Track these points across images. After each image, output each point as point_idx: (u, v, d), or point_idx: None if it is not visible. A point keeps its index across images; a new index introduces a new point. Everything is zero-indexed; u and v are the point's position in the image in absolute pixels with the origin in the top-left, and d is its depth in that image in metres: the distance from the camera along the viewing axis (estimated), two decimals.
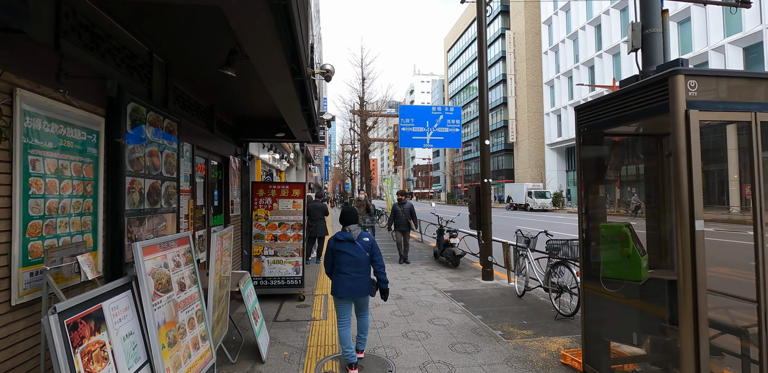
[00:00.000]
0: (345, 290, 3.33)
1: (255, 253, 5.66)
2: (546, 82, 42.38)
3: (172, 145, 3.11)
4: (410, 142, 26.05)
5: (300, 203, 5.77)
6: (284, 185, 5.76)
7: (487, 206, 6.84)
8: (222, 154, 5.01)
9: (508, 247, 6.51)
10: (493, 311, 5.03)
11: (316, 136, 6.00)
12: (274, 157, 8.56)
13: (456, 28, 65.70)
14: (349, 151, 42.07)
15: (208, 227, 4.48)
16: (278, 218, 5.72)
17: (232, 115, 5.45)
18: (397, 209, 8.51)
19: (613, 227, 3.05)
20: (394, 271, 7.75)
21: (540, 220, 21.82)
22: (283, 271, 5.67)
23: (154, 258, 2.06)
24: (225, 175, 5.19)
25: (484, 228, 6.85)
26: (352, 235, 3.45)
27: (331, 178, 77.93)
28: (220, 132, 4.92)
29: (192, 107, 3.89)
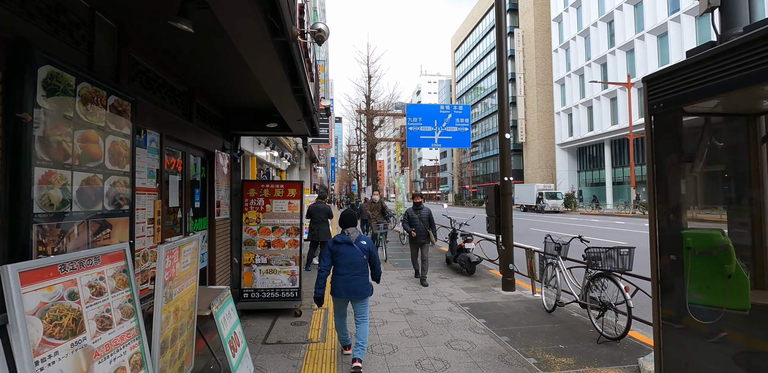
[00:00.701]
0: (342, 291, 3.45)
1: (245, 261, 4.97)
2: (556, 81, 41.43)
3: (123, 131, 2.44)
4: (418, 142, 25.30)
5: (296, 205, 5.07)
6: (278, 184, 5.07)
7: (507, 207, 6.10)
8: (205, 148, 4.34)
9: (532, 254, 5.76)
10: (521, 330, 4.28)
11: (315, 129, 5.31)
12: (272, 155, 7.89)
13: (463, 28, 64.90)
14: (355, 152, 41.45)
15: (185, 233, 3.80)
16: (272, 222, 5.03)
17: (219, 105, 4.78)
18: (412, 216, 6.83)
19: (705, 236, 2.30)
20: (403, 279, 7.03)
21: (554, 222, 20.96)
22: (278, 282, 4.97)
23: (47, 287, 1.38)
24: (210, 173, 4.51)
25: (505, 232, 6.10)
26: (350, 238, 3.55)
27: (337, 179, 77.46)
28: (202, 122, 4.25)
29: (161, 88, 3.22)
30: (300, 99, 3.62)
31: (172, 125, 3.45)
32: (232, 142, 5.25)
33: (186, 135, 3.78)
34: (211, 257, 4.51)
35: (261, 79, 2.92)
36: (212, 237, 4.53)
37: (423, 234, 6.75)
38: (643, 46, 30.31)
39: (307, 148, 13.55)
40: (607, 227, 16.96)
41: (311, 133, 5.33)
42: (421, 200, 7.03)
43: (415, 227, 6.76)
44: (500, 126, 6.22)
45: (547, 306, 4.99)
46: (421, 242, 6.75)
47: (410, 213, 6.91)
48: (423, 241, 6.75)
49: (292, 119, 4.25)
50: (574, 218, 24.85)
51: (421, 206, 6.96)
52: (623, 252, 3.76)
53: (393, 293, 6.09)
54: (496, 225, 6.27)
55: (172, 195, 3.59)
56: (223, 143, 4.93)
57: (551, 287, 5.01)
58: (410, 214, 6.91)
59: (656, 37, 29.43)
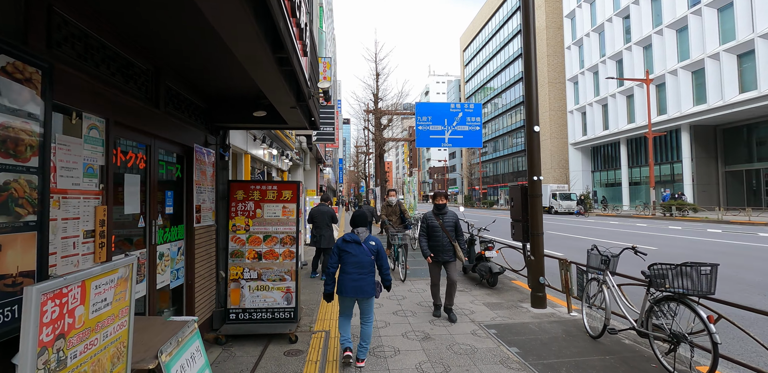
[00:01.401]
0: (348, 290, 3.45)
1: (232, 276, 4.23)
2: (569, 79, 40.29)
3: (26, 108, 1.71)
4: (427, 141, 24.46)
5: (292, 209, 4.32)
6: (270, 186, 4.32)
7: (537, 211, 5.28)
8: (181, 143, 3.61)
9: (568, 266, 4.93)
10: (566, 365, 3.47)
11: (314, 122, 4.56)
12: (270, 153, 7.18)
13: (473, 26, 63.93)
14: (363, 153, 40.80)
15: (150, 246, 3.07)
16: (263, 230, 4.28)
17: (201, 92, 4.06)
18: (433, 224, 4.88)
19: None
20: (417, 291, 6.24)
21: (570, 224, 19.97)
22: (270, 300, 4.22)
23: None
24: (188, 172, 3.78)
25: (534, 240, 5.28)
26: (359, 237, 3.57)
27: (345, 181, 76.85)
28: (176, 111, 3.52)
29: (109, 61, 2.50)
30: (288, 75, 2.87)
31: (128, 111, 2.72)
32: (218, 136, 4.51)
33: (151, 125, 3.05)
34: (188, 272, 3.78)
35: (231, 44, 2.17)
36: (190, 248, 3.79)
37: (446, 249, 4.82)
38: (662, 41, 29.17)
39: (312, 148, 12.84)
40: (629, 230, 15.97)
41: (310, 125, 4.57)
42: (446, 202, 5.01)
43: (436, 239, 4.84)
44: (528, 118, 5.41)
45: (590, 330, 4.17)
46: (445, 259, 4.83)
47: (429, 220, 4.89)
48: (448, 258, 4.84)
49: (284, 106, 3.50)
50: (591, 219, 23.81)
51: (444, 209, 4.99)
52: (704, 271, 2.93)
53: (406, 309, 5.31)
54: (523, 231, 5.46)
55: (129, 199, 2.85)
56: (206, 137, 4.20)
57: (595, 308, 4.19)
58: (429, 221, 4.89)
59: (675, 32, 28.28)
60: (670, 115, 28.24)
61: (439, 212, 4.99)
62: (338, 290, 3.51)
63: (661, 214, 24.60)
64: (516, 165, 51.95)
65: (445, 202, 5.00)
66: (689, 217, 22.25)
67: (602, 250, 4.09)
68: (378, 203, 22.38)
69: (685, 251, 9.75)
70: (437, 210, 5.01)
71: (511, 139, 52.77)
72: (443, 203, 5.00)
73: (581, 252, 10.09)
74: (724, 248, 10.50)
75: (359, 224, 3.68)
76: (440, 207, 5.00)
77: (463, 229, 5.41)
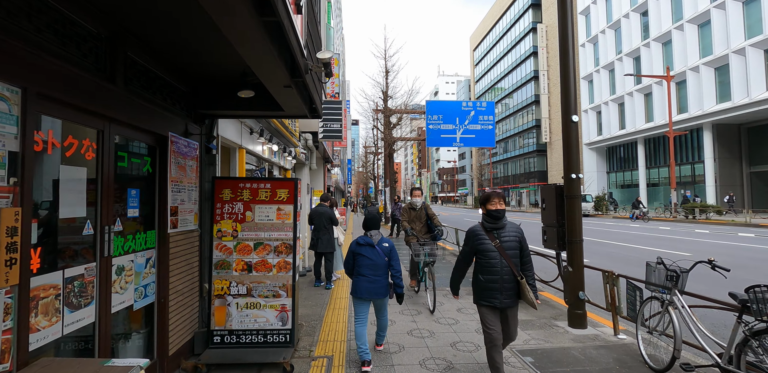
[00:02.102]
0: (363, 291, 3.49)
1: (217, 291, 3.55)
2: (583, 77, 39.20)
3: None
4: (439, 141, 23.69)
5: (288, 212, 3.63)
6: (263, 184, 3.63)
7: (575, 214, 4.52)
8: (152, 130, 2.95)
9: (616, 279, 4.17)
10: None
11: (315, 109, 3.87)
12: (271, 150, 6.51)
13: (483, 25, 63.00)
14: (372, 153, 40.15)
15: (101, 259, 2.40)
16: (254, 236, 3.60)
17: (181, 72, 3.40)
18: (485, 244, 2.99)
19: None
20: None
21: (589, 227, 19.03)
22: (261, 320, 3.53)
23: None
24: (161, 166, 3.12)
25: (572, 248, 4.53)
26: (372, 240, 3.62)
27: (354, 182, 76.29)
28: (144, 90, 2.86)
29: (23, 9, 1.84)
30: (274, 32, 2.17)
31: (64, 82, 2.05)
32: (203, 126, 3.85)
33: (104, 104, 2.38)
34: (161, 288, 3.11)
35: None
36: (164, 258, 3.12)
37: (508, 287, 2.96)
38: (682, 36, 28.06)
39: (319, 146, 12.17)
40: (653, 233, 15.03)
41: (311, 113, 3.89)
42: (503, 207, 3.05)
43: (491, 270, 2.95)
44: (564, 106, 4.67)
45: (651, 361, 3.41)
46: (505, 304, 2.98)
47: (479, 237, 3.03)
48: (508, 302, 3.00)
49: (276, 84, 2.81)
50: (609, 222, 22.81)
51: (503, 221, 3.03)
52: None
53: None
54: (558, 238, 4.70)
55: (68, 199, 2.18)
56: (187, 126, 3.53)
57: (657, 333, 3.43)
58: (480, 239, 3.02)
59: (697, 27, 27.16)
60: (691, 113, 27.12)
61: (494, 226, 3.02)
62: (353, 292, 3.56)
63: (683, 216, 23.51)
64: (527, 166, 50.88)
65: (502, 208, 3.05)
66: (713, 220, 21.16)
67: (669, 263, 3.33)
68: (388, 205, 21.68)
69: (731, 259, 8.85)
70: (492, 221, 3.04)
71: (522, 140, 51.73)
72: (501, 208, 3.03)
73: (613, 260, 9.18)
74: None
75: (372, 227, 3.73)
76: (497, 216, 3.02)
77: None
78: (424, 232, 6.34)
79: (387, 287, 3.57)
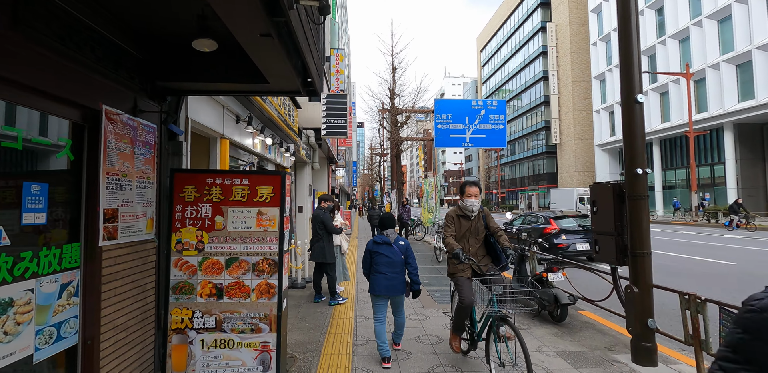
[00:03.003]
0: (382, 288, 3.59)
1: (175, 324, 2.63)
2: (595, 77, 38.10)
3: None
4: (447, 141, 22.69)
5: (273, 217, 2.70)
6: (239, 179, 2.71)
7: (641, 219, 3.55)
8: (74, 101, 2.06)
9: (702, 305, 3.19)
10: None
11: (311, 83, 2.96)
12: (264, 143, 5.62)
13: (490, 25, 62.07)
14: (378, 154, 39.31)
15: None
16: (226, 249, 2.68)
17: (126, 27, 2.51)
18: None
19: None
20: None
21: None
22: (236, 364, 2.60)
23: None
24: (91, 153, 2.23)
25: (638, 262, 3.56)
26: (389, 238, 3.71)
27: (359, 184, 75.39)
28: (58, 41, 1.97)
29: None
30: None
31: None
32: (163, 103, 2.94)
33: None
34: (87, 326, 2.19)
35: None
36: (92, 283, 2.21)
37: None
38: (701, 33, 26.95)
39: (322, 144, 11.28)
40: (679, 238, 13.93)
41: (305, 87, 2.96)
42: None
43: None
44: (626, 85, 3.70)
45: None
46: None
47: None
48: None
49: (248, 30, 1.90)
50: None
51: None
52: None
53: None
54: (617, 250, 3.74)
55: None
56: (136, 101, 2.62)
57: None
58: None
59: (717, 23, 26.05)
60: (711, 112, 25.95)
61: None
62: (371, 289, 3.67)
63: (705, 220, 22.33)
64: (536, 168, 49.76)
65: None
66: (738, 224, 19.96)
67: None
68: (394, 208, 20.73)
69: None
70: None
71: (530, 142, 50.64)
72: None
73: (660, 272, 7.90)
74: None
75: (388, 225, 3.88)
76: None
77: (510, 242, 3.62)
78: (481, 255, 3.64)
79: (404, 284, 3.68)
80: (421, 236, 15.89)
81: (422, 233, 16.05)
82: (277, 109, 5.35)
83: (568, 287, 5.22)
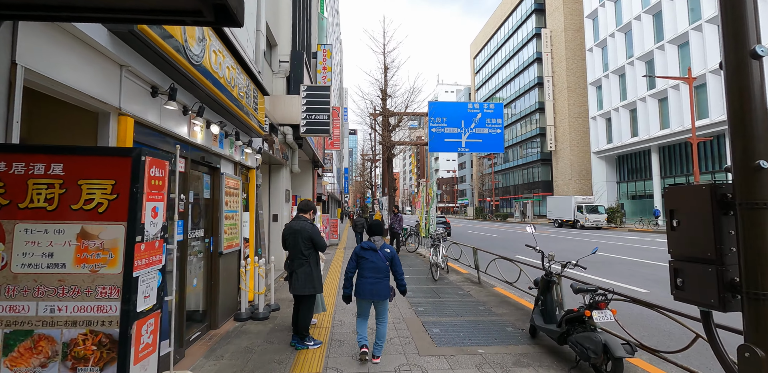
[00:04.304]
0: (367, 293, 3.77)
1: None
2: (591, 83, 37.45)
3: None
4: (442, 145, 21.45)
5: (114, 242, 1.34)
6: (42, 161, 1.35)
7: (764, 239, 2.26)
8: None
9: None
10: None
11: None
12: (210, 134, 4.26)
13: (484, 32, 61.69)
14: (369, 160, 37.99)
15: None
16: (5, 313, 1.31)
17: None
18: None
19: None
20: None
21: (613, 242, 16.71)
22: None
23: None
24: None
25: (759, 308, 2.25)
26: (375, 245, 3.90)
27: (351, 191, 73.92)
28: None
29: None
30: None
31: None
32: None
33: None
34: None
35: None
36: None
37: None
38: (700, 37, 26.35)
39: (302, 144, 9.92)
40: None
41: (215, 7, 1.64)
42: None
43: None
44: (734, 34, 2.43)
45: None
46: None
47: None
48: None
49: None
50: (632, 237, 20.53)
51: None
52: None
53: None
54: (721, 287, 2.42)
55: None
56: None
57: None
58: None
59: (717, 27, 25.35)
60: (712, 119, 25.18)
61: None
62: (356, 293, 3.84)
63: None
64: (530, 176, 48.89)
65: None
66: None
67: None
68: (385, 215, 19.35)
69: None
70: None
71: (524, 150, 49.87)
72: None
73: None
74: None
75: (376, 232, 3.99)
76: None
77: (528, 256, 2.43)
78: None
79: (388, 289, 3.83)
80: (414, 247, 14.49)
81: (415, 244, 14.66)
82: (224, 84, 3.99)
83: (616, 327, 3.88)
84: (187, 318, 4.32)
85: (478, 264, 7.91)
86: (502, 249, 14.30)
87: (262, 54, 7.16)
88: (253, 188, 6.24)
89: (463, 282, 7.88)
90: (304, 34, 12.48)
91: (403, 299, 6.34)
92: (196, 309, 4.61)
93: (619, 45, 33.98)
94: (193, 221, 4.30)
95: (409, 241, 15.18)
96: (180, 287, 3.88)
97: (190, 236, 4.24)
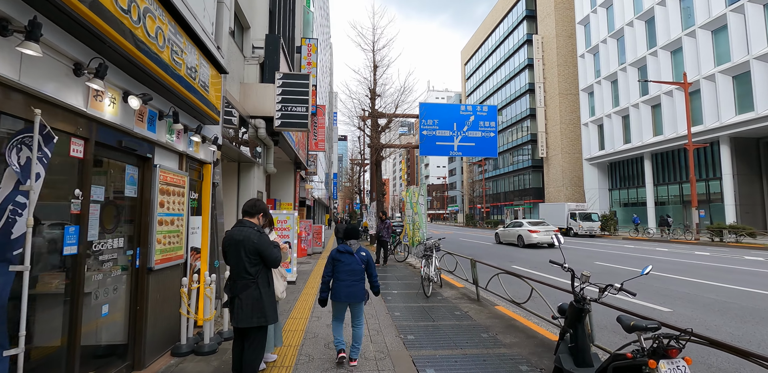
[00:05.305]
0: (343, 295, 3.80)
1: None
2: (583, 89, 37.11)
3: None
4: (433, 149, 20.38)
5: None
6: None
7: None
8: None
9: None
10: None
11: None
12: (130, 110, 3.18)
13: (475, 38, 61.54)
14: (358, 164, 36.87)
15: None
16: None
17: None
18: None
19: None
20: None
21: (612, 251, 15.84)
22: None
23: None
24: None
25: None
26: (351, 248, 3.95)
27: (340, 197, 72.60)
28: None
29: None
30: None
31: None
32: None
33: None
34: None
35: None
36: None
37: None
38: (694, 43, 26.04)
39: (278, 140, 8.83)
40: (696, 261, 11.88)
41: None
42: None
43: None
44: None
45: None
46: None
47: None
48: None
49: None
50: (629, 245, 19.74)
51: None
52: None
53: None
54: None
55: None
56: None
57: None
58: None
59: (711, 33, 25.15)
60: (707, 125, 24.75)
61: None
62: (332, 296, 3.85)
63: (708, 238, 20.66)
64: (521, 183, 48.30)
65: None
66: (747, 243, 18.32)
67: None
68: (372, 222, 18.28)
69: None
70: None
71: (516, 155, 49.33)
72: None
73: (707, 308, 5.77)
74: None
75: (351, 236, 4.05)
76: None
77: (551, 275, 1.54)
78: None
79: (363, 291, 3.89)
80: (403, 256, 13.36)
81: (405, 253, 13.51)
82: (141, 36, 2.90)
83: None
84: (95, 356, 3.18)
85: (477, 279, 6.86)
86: (496, 258, 13.29)
87: (228, 32, 6.10)
88: (208, 187, 5.12)
89: (459, 299, 6.82)
90: (286, 25, 11.45)
91: (390, 324, 5.24)
92: (112, 343, 3.46)
93: (611, 51, 33.70)
94: (104, 226, 3.18)
95: (398, 249, 14.09)
96: (72, 321, 2.74)
97: (98, 247, 3.11)
